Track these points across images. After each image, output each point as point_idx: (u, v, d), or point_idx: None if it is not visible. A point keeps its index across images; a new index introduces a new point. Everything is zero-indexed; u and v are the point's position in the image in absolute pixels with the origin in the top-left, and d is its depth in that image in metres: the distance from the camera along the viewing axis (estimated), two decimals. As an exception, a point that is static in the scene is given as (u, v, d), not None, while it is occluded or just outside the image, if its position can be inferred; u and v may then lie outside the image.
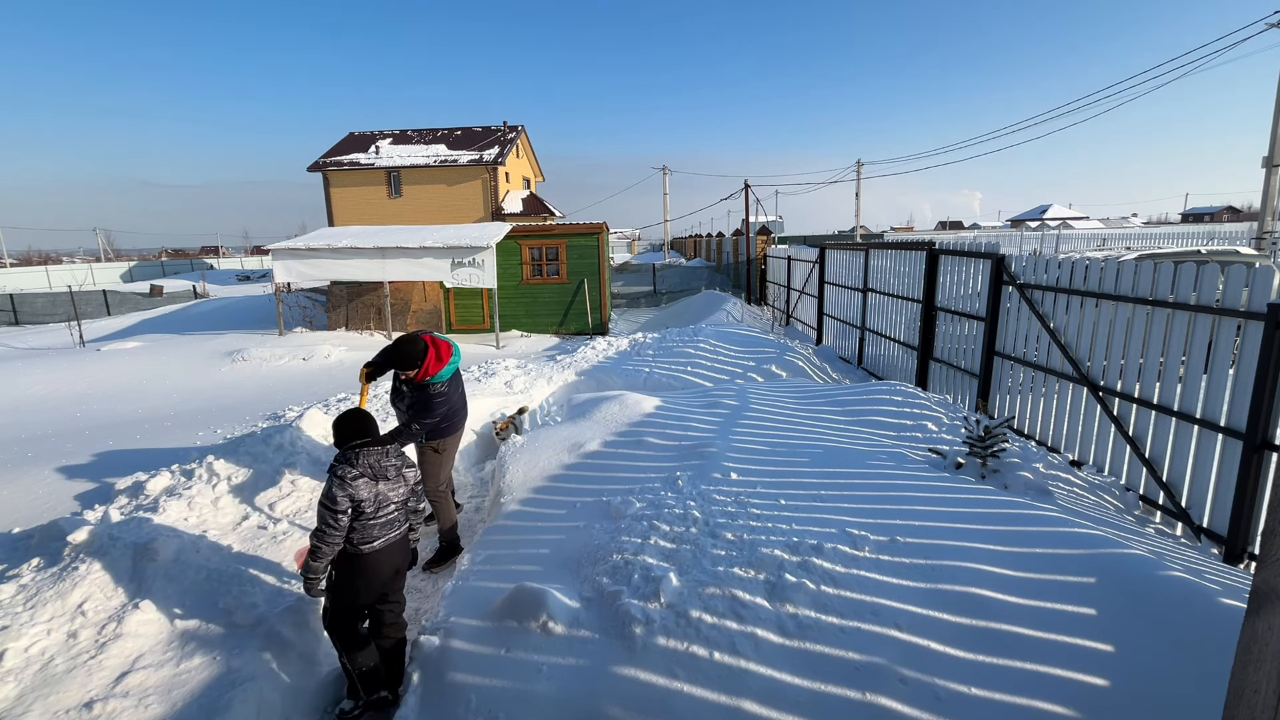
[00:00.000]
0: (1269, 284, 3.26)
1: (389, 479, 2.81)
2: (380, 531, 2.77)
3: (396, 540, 2.85)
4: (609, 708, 2.23)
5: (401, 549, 2.91)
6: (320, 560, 2.70)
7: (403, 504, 2.90)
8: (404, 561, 2.96)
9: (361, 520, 2.71)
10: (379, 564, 2.77)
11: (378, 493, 2.75)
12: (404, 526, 2.92)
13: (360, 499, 2.69)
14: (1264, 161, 14.70)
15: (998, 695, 2.12)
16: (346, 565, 2.75)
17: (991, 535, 2.96)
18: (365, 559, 2.74)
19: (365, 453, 2.77)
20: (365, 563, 2.74)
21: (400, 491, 2.87)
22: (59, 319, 20.92)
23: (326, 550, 2.68)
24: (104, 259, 57.51)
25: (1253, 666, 1.10)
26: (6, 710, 2.44)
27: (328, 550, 2.68)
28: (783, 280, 14.42)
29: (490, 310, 15.31)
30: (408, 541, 2.99)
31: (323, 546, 2.67)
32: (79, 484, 5.06)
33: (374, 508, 2.74)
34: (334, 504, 2.64)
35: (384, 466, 2.80)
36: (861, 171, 35.76)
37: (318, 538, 2.66)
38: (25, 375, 10.55)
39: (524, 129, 28.34)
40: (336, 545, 2.70)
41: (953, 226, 77.88)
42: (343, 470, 2.70)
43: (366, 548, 2.73)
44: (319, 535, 2.66)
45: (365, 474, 2.73)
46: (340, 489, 2.66)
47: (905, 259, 7.49)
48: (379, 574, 2.79)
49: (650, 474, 4.06)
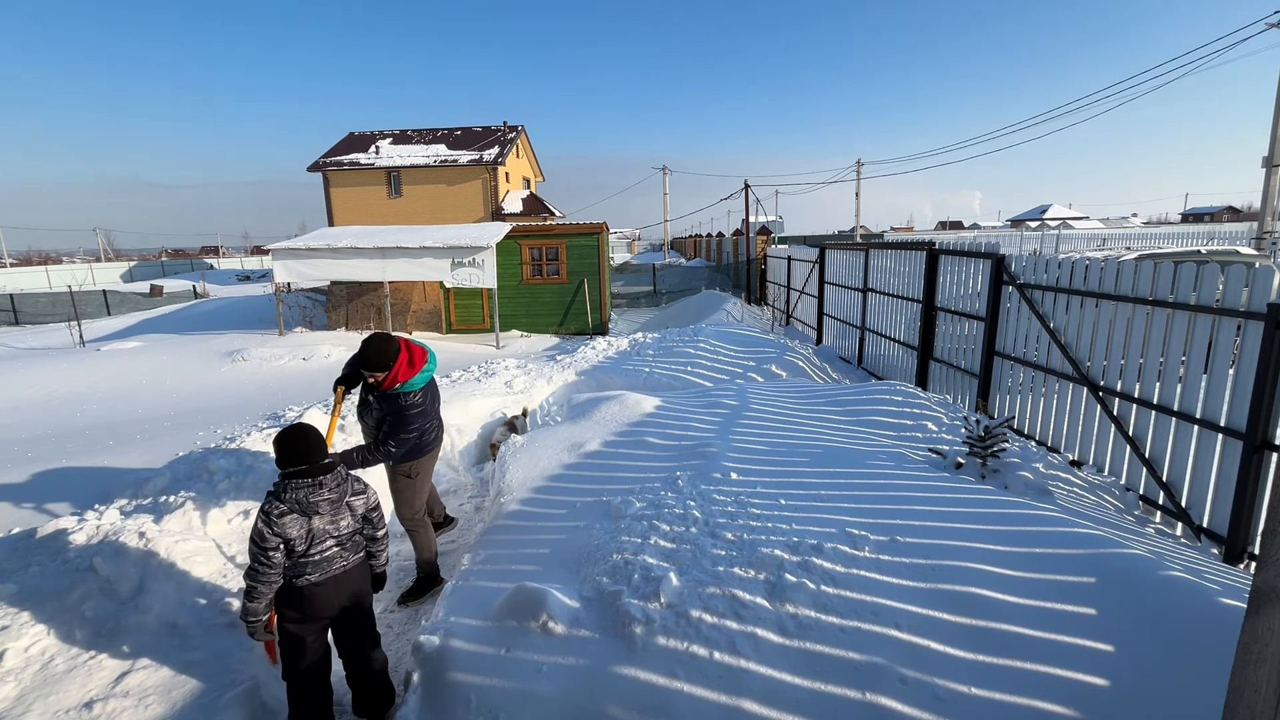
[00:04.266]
0: (1269, 284, 3.26)
1: (321, 514, 2.50)
2: (314, 569, 2.50)
3: (342, 573, 2.58)
4: (609, 707, 2.23)
5: (352, 581, 2.64)
6: (257, 601, 2.45)
7: (349, 536, 2.62)
8: (358, 593, 2.67)
9: (292, 558, 2.47)
10: (316, 597, 2.52)
11: (310, 530, 2.47)
12: (353, 558, 2.65)
13: (289, 537, 2.43)
14: (1264, 161, 14.70)
15: (998, 695, 2.12)
16: (283, 597, 2.52)
17: (991, 535, 2.96)
18: (301, 591, 2.50)
19: (294, 485, 2.46)
20: (301, 595, 2.50)
21: (344, 524, 2.59)
22: (59, 319, 20.92)
23: (262, 589, 2.44)
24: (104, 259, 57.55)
25: (1253, 666, 1.10)
26: (6, 710, 2.44)
27: (263, 589, 2.44)
28: (783, 280, 14.42)
29: (490, 310, 15.31)
30: (363, 571, 2.72)
31: (258, 585, 2.42)
32: (79, 484, 5.06)
33: (306, 545, 2.47)
34: (261, 542, 2.40)
35: (313, 503, 2.47)
36: (861, 171, 35.80)
37: (250, 577, 2.43)
38: (25, 375, 10.56)
39: (524, 129, 28.33)
40: (274, 583, 2.45)
41: (953, 226, 77.91)
42: (269, 505, 2.43)
43: (300, 581, 2.49)
44: (251, 574, 2.43)
45: (294, 510, 2.45)
46: (267, 526, 2.40)
47: (905, 259, 7.49)
48: (319, 609, 2.53)
49: (650, 474, 4.06)
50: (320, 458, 2.54)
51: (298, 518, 2.45)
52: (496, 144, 25.53)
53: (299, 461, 2.50)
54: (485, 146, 25.34)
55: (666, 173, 42.81)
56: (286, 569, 2.48)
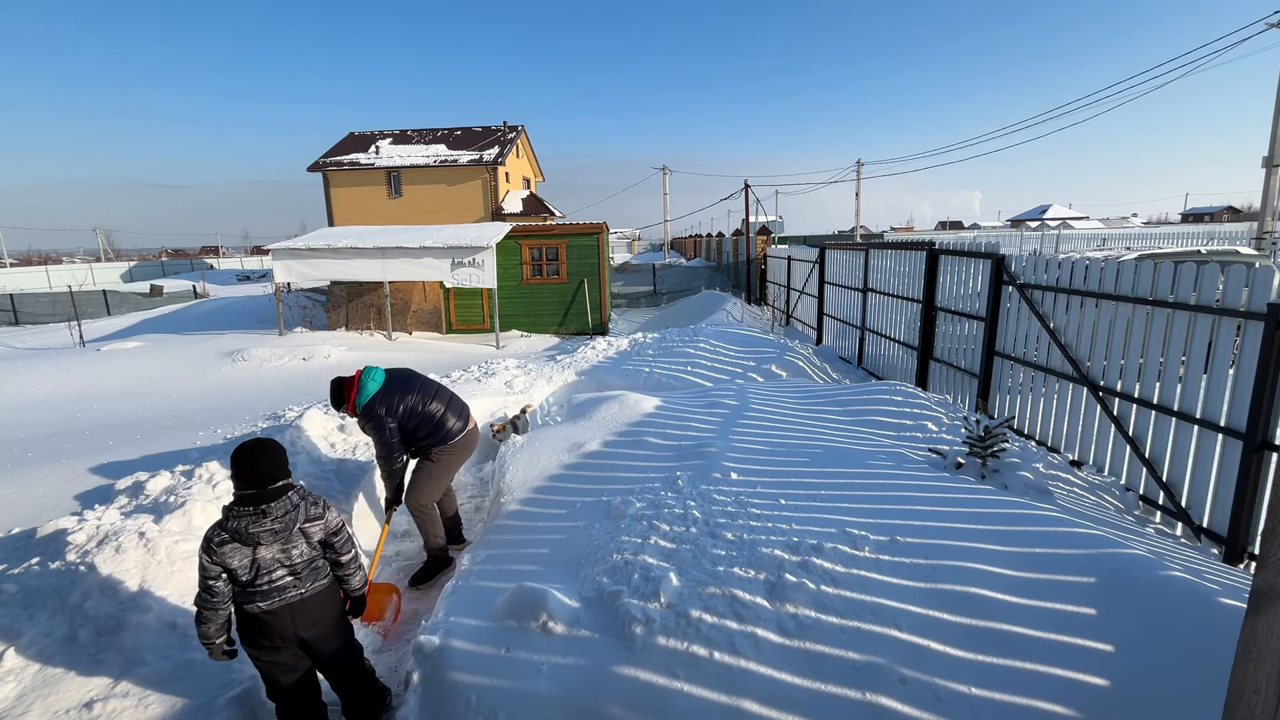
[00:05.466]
0: (1269, 284, 3.26)
1: (263, 544, 2.32)
2: (263, 598, 2.34)
3: (298, 601, 2.41)
4: (609, 707, 2.23)
5: (312, 608, 2.45)
6: (206, 625, 2.33)
7: (306, 564, 2.43)
8: (322, 619, 2.49)
9: (239, 585, 2.34)
10: (270, 625, 2.36)
11: (255, 560, 2.31)
12: (314, 585, 2.46)
13: (230, 567, 2.29)
14: (1264, 161, 14.70)
15: (998, 695, 2.12)
16: (239, 621, 2.41)
17: (991, 535, 2.96)
18: (255, 619, 2.36)
19: (235, 514, 2.30)
20: (255, 622, 2.37)
21: (297, 552, 2.39)
22: (59, 319, 20.92)
23: (208, 614, 2.32)
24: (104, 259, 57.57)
25: (1253, 666, 1.10)
26: (6, 710, 2.44)
27: (209, 614, 2.32)
28: (783, 280, 14.42)
29: (490, 310, 15.30)
30: (329, 596, 2.54)
31: (203, 610, 2.32)
32: (79, 484, 5.05)
33: (251, 575, 2.31)
34: (202, 571, 2.28)
35: (253, 534, 2.29)
36: (861, 171, 35.78)
37: (198, 602, 2.32)
38: (25, 375, 10.55)
39: (524, 129, 28.34)
40: (220, 610, 2.33)
41: (953, 226, 77.86)
42: (211, 532, 2.30)
43: (251, 608, 2.35)
44: (197, 599, 2.32)
45: (234, 539, 2.28)
46: (207, 555, 2.27)
47: (905, 259, 7.49)
48: (276, 636, 2.38)
49: (650, 474, 4.06)
50: (271, 481, 2.34)
51: (239, 547, 2.29)
52: (496, 144, 25.54)
53: (246, 485, 2.32)
54: (485, 146, 25.34)
55: (666, 173, 42.83)
56: (235, 595, 2.36)
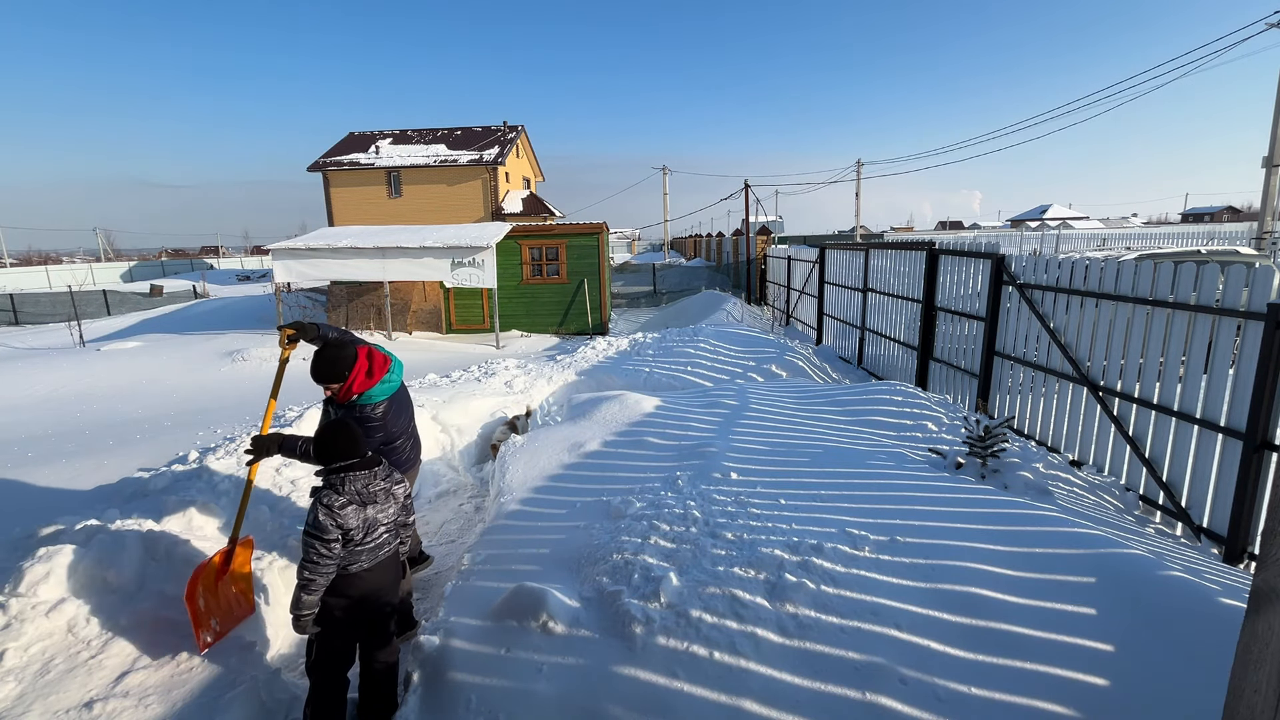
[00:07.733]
0: (1269, 284, 3.26)
1: (378, 503, 2.61)
2: (369, 556, 2.59)
3: (388, 558, 2.70)
4: (609, 707, 2.23)
5: (390, 567, 2.73)
6: (312, 594, 2.48)
7: (393, 524, 2.72)
8: (394, 579, 2.76)
9: (349, 548, 2.54)
10: (365, 582, 2.59)
11: (366, 518, 2.56)
12: (394, 544, 2.75)
13: (349, 528, 2.51)
14: (1264, 161, 14.71)
15: (998, 695, 2.12)
16: (334, 585, 2.57)
17: (991, 535, 2.96)
18: (352, 578, 2.57)
19: (351, 478, 2.56)
20: (352, 582, 2.57)
21: (391, 511, 2.68)
22: (59, 319, 20.92)
23: (320, 582, 2.48)
24: (104, 259, 57.54)
25: (1253, 666, 1.10)
26: (6, 710, 2.44)
27: (321, 581, 2.48)
28: (783, 280, 14.42)
29: (490, 310, 15.31)
30: (397, 558, 2.80)
31: (316, 579, 2.47)
32: (80, 483, 5.05)
33: (362, 534, 2.55)
34: (323, 533, 2.45)
35: (372, 492, 2.59)
36: (861, 171, 35.77)
37: (308, 570, 2.45)
38: (25, 375, 10.56)
39: (524, 129, 28.34)
40: (330, 574, 2.50)
41: (953, 226, 77.85)
42: (329, 498, 2.50)
43: (354, 568, 2.57)
44: (309, 567, 2.45)
45: (353, 501, 2.53)
46: (329, 517, 2.47)
47: (905, 259, 7.49)
48: (366, 594, 2.60)
49: (650, 474, 4.06)
50: (363, 450, 2.63)
51: (357, 508, 2.54)
52: (496, 144, 25.54)
53: (352, 455, 2.58)
54: (485, 146, 25.34)
55: (666, 173, 42.82)
56: (340, 558, 2.54)
